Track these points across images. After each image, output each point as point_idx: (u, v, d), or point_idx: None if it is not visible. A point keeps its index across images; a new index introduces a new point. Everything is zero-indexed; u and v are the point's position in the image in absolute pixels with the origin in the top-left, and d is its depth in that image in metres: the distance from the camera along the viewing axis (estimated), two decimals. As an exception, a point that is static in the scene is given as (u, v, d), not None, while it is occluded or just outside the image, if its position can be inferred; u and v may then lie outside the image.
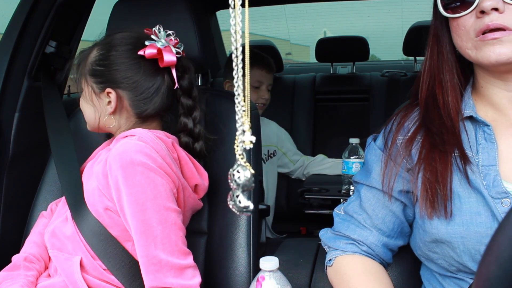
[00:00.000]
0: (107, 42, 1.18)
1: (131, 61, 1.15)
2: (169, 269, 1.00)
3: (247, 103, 0.49)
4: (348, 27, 5.55)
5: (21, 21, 1.48)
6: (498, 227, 0.51)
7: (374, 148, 1.01)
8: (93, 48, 1.20)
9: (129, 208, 1.03)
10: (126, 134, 1.13)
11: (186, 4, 1.32)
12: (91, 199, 1.12)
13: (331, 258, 1.02)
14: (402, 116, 0.98)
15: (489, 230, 0.83)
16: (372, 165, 1.00)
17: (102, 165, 1.11)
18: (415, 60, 2.91)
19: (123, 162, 1.04)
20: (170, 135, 1.17)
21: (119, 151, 1.06)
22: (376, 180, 0.98)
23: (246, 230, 1.22)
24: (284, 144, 2.32)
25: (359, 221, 0.99)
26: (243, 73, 0.48)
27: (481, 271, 0.52)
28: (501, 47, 0.80)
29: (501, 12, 0.80)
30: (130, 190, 1.03)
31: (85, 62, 1.19)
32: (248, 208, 0.52)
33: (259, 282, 0.91)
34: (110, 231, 1.09)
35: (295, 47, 6.32)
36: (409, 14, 4.73)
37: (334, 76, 3.05)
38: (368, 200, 0.99)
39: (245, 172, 0.50)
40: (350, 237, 1.00)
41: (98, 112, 1.18)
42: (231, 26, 0.48)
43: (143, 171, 1.04)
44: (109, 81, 1.15)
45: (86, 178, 1.17)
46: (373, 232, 0.98)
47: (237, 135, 0.50)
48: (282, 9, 4.60)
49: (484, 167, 0.86)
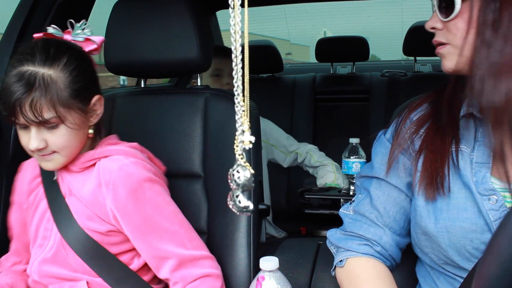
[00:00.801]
0: (55, 55, 1.01)
1: (88, 60, 1.09)
2: (201, 260, 1.08)
3: (246, 103, 0.49)
4: (348, 27, 5.56)
5: (21, 21, 1.48)
6: (499, 227, 0.52)
7: (384, 141, 1.02)
8: (41, 72, 0.98)
9: (145, 225, 1.05)
10: (102, 155, 1.08)
11: (186, 4, 1.32)
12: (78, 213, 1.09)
13: (342, 259, 1.00)
14: (411, 109, 1.00)
15: (474, 226, 0.85)
16: (380, 156, 1.01)
17: (92, 191, 1.07)
18: (415, 60, 2.91)
19: (131, 185, 1.04)
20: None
21: (121, 176, 1.03)
22: (381, 170, 0.99)
23: (246, 230, 1.22)
24: (270, 136, 2.26)
25: (371, 219, 0.99)
26: (242, 73, 0.48)
27: (482, 271, 0.52)
28: (445, 60, 0.88)
29: (441, 29, 0.87)
30: (144, 208, 1.05)
31: (51, 91, 0.98)
32: (248, 208, 0.52)
33: (259, 282, 0.91)
34: (89, 235, 1.07)
35: (295, 47, 6.33)
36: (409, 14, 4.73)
37: (334, 76, 3.05)
38: (378, 198, 0.99)
39: (245, 172, 0.50)
40: (364, 237, 0.99)
41: (82, 131, 1.06)
42: (231, 26, 0.48)
43: (150, 186, 1.06)
44: (92, 88, 1.08)
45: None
46: (386, 231, 0.98)
47: (236, 135, 0.50)
48: (282, 9, 4.60)
49: (477, 164, 0.88)
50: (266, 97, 2.73)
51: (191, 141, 1.33)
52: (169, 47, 1.33)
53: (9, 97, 0.96)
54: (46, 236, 1.10)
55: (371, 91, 2.77)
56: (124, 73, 1.54)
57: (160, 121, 1.37)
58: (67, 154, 1.05)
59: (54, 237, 1.09)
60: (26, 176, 1.18)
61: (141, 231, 1.05)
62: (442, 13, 0.86)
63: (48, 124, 0.99)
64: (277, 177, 2.47)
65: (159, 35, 1.34)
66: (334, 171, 2.07)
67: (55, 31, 1.08)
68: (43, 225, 1.11)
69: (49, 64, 0.99)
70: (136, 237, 1.06)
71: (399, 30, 3.31)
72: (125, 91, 1.52)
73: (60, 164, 1.06)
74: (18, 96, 0.95)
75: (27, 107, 0.96)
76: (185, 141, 1.33)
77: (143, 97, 1.44)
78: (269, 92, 2.81)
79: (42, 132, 1.00)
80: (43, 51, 1.00)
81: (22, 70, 0.98)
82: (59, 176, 1.12)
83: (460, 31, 0.84)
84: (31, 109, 0.96)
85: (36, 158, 1.06)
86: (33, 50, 1.00)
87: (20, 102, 0.96)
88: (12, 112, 0.97)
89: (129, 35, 1.36)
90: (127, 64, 1.40)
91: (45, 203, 1.12)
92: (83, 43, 1.08)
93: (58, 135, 1.01)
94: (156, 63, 1.36)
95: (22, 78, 0.97)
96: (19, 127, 1.02)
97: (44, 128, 1.00)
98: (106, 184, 1.05)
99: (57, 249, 1.08)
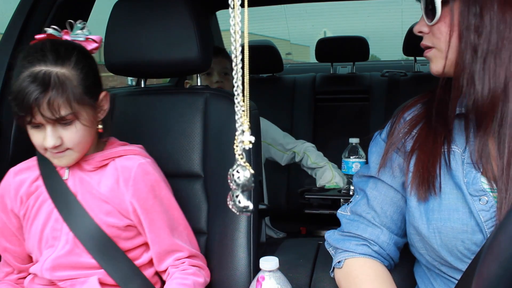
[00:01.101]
0: (66, 54, 1.03)
1: (92, 58, 1.12)
2: (199, 257, 1.19)
3: (246, 103, 0.49)
4: (348, 27, 5.57)
5: (21, 21, 1.48)
6: (499, 226, 0.52)
7: (379, 140, 1.02)
8: (55, 71, 1.00)
9: (161, 220, 1.12)
10: (116, 155, 1.13)
11: (186, 4, 1.32)
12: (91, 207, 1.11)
13: (340, 260, 1.00)
14: (405, 109, 1.01)
15: (465, 227, 0.85)
16: (376, 156, 1.01)
17: (110, 187, 1.11)
18: (415, 60, 2.91)
19: (150, 182, 1.12)
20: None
21: (141, 173, 1.11)
22: (377, 169, 0.99)
23: (246, 230, 1.22)
24: (267, 135, 2.23)
25: (368, 219, 0.99)
26: (242, 73, 0.48)
27: (482, 270, 0.52)
28: (432, 64, 0.91)
29: (427, 33, 0.90)
30: (162, 204, 1.13)
31: (67, 89, 1.00)
32: (247, 208, 0.52)
33: (259, 282, 0.91)
34: (106, 231, 1.10)
35: (295, 47, 6.33)
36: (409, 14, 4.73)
37: (334, 76, 3.05)
38: (375, 198, 0.99)
39: (245, 172, 0.50)
40: (361, 237, 0.99)
41: (93, 128, 1.10)
42: (231, 26, 0.48)
43: (165, 186, 1.15)
44: (99, 84, 1.12)
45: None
46: (384, 230, 0.98)
47: (236, 135, 0.50)
48: (282, 9, 4.61)
49: (468, 165, 0.88)
50: (266, 97, 2.73)
51: (191, 141, 1.33)
52: (169, 47, 1.33)
53: (26, 98, 0.98)
54: (56, 237, 1.11)
55: (371, 91, 2.77)
56: (124, 73, 1.54)
57: (160, 121, 1.37)
58: (80, 150, 1.08)
59: (66, 236, 1.10)
60: (20, 181, 1.16)
61: (157, 225, 1.12)
62: (428, 17, 0.88)
63: (64, 121, 1.02)
64: (276, 177, 2.47)
65: (159, 35, 1.34)
66: (331, 169, 2.08)
67: (54, 32, 1.09)
68: (50, 225, 1.11)
69: (60, 63, 1.01)
70: (152, 230, 1.12)
71: (399, 30, 3.31)
72: (125, 91, 1.52)
73: (73, 160, 1.09)
74: (36, 96, 0.97)
75: (45, 106, 0.98)
76: (185, 141, 1.33)
77: (143, 97, 1.44)
78: (269, 92, 2.81)
79: (57, 129, 1.03)
80: (53, 50, 1.02)
81: (35, 70, 0.99)
82: (70, 176, 1.13)
83: (443, 35, 0.86)
84: (48, 108, 0.98)
85: (48, 156, 1.08)
86: (42, 51, 1.02)
87: (37, 102, 0.98)
88: (29, 112, 0.99)
89: (129, 35, 1.36)
90: (127, 64, 1.40)
91: (49, 204, 1.12)
92: (84, 42, 1.11)
93: (73, 131, 1.04)
94: (156, 63, 1.36)
95: (36, 78, 0.98)
96: (31, 127, 1.04)
97: (59, 125, 1.03)
98: (126, 181, 1.10)
99: (71, 248, 1.10)
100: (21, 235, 1.16)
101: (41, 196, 1.13)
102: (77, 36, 1.10)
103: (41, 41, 1.07)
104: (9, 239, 1.17)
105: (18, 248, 1.17)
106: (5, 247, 1.18)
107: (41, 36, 1.08)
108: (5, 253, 1.18)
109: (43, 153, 1.08)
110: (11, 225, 1.16)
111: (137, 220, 1.12)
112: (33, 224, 1.13)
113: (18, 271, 1.20)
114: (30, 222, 1.14)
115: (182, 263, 1.14)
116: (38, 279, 1.14)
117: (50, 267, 1.10)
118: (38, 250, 1.13)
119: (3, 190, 1.17)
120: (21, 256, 1.18)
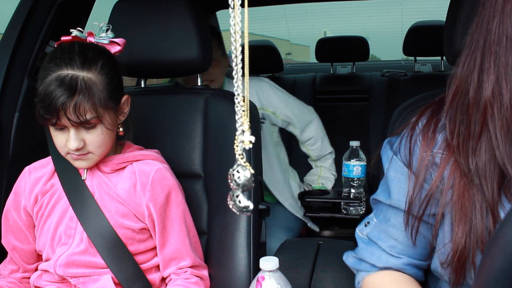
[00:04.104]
0: (93, 58, 1.03)
1: (116, 61, 1.12)
2: (203, 267, 1.20)
3: (246, 103, 0.49)
4: (348, 27, 5.56)
5: (21, 21, 1.48)
6: (505, 218, 0.51)
7: (398, 163, 0.89)
8: (82, 75, 1.01)
9: (172, 225, 1.13)
10: (134, 159, 1.14)
11: (186, 4, 1.32)
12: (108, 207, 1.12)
13: (359, 280, 0.95)
14: (428, 120, 0.86)
15: None
16: (397, 183, 0.88)
17: (128, 191, 1.12)
18: (415, 60, 2.91)
19: (167, 188, 1.13)
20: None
21: (159, 178, 1.12)
22: (401, 202, 0.87)
23: (246, 230, 1.22)
24: (269, 104, 1.97)
25: (383, 248, 0.91)
26: (242, 73, 0.48)
27: (486, 262, 0.52)
28: None
29: None
30: (177, 210, 1.15)
31: (93, 94, 1.01)
32: (248, 208, 0.52)
33: (259, 282, 0.91)
34: (119, 232, 1.10)
35: (295, 47, 6.33)
36: (409, 14, 4.74)
37: (334, 76, 3.05)
38: (394, 226, 0.89)
39: (245, 172, 0.50)
40: (375, 266, 0.92)
41: (114, 131, 1.12)
42: (231, 26, 0.48)
43: (180, 192, 1.16)
44: (122, 88, 1.13)
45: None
46: (402, 258, 0.89)
47: (236, 135, 0.50)
48: (282, 9, 4.61)
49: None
50: (266, 97, 2.73)
51: (191, 141, 1.33)
52: (169, 47, 1.33)
53: (53, 102, 0.98)
54: (70, 235, 1.12)
55: (371, 91, 2.78)
56: (124, 73, 1.53)
57: (160, 121, 1.37)
58: (101, 153, 1.09)
59: (80, 235, 1.11)
60: (36, 179, 1.17)
61: (167, 230, 1.13)
62: None
63: (88, 125, 1.03)
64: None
65: (159, 35, 1.34)
66: (320, 174, 2.08)
67: (79, 33, 1.09)
68: (65, 223, 1.12)
69: (87, 67, 1.02)
70: (163, 234, 1.13)
71: (399, 30, 3.31)
72: (125, 91, 1.51)
73: (93, 162, 1.11)
74: (63, 100, 0.98)
75: (71, 110, 0.99)
76: (185, 141, 1.33)
77: (143, 97, 1.44)
78: (269, 92, 2.81)
79: (81, 132, 1.04)
80: (81, 54, 1.02)
81: (62, 74, 1.00)
82: (88, 175, 1.14)
83: None
84: (74, 112, 0.99)
85: (69, 158, 1.09)
86: (71, 54, 1.02)
87: (65, 106, 0.99)
88: (56, 115, 1.00)
89: (129, 35, 1.35)
90: (127, 64, 1.39)
91: (64, 202, 1.13)
92: (108, 45, 1.11)
93: (96, 134, 1.05)
94: (156, 63, 1.36)
95: (63, 82, 0.99)
96: (55, 129, 1.05)
97: (83, 128, 1.04)
98: (143, 185, 1.11)
99: (86, 246, 1.11)
100: (31, 234, 1.17)
101: (56, 194, 1.15)
102: (101, 39, 1.10)
103: (68, 43, 1.07)
104: (18, 237, 1.18)
105: (26, 247, 1.18)
106: (14, 245, 1.18)
107: (67, 38, 1.08)
108: (13, 251, 1.19)
109: (64, 155, 1.09)
110: (21, 223, 1.17)
111: (151, 224, 1.12)
112: (46, 221, 1.14)
113: (23, 270, 1.20)
114: (44, 220, 1.15)
115: (185, 272, 1.14)
116: (46, 276, 1.15)
117: (64, 263, 1.10)
118: (50, 247, 1.13)
119: (18, 188, 1.18)
120: (28, 255, 1.19)
